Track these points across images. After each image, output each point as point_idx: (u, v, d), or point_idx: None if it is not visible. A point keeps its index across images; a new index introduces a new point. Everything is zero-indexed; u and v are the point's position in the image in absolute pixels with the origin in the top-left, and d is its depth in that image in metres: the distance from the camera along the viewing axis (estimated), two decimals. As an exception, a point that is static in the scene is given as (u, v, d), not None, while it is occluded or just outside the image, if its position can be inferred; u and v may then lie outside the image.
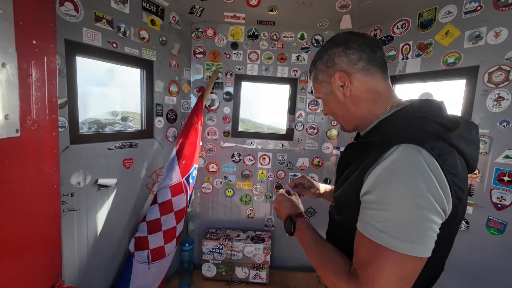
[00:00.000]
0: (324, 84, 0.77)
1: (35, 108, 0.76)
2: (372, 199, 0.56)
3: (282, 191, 1.01)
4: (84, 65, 1.49)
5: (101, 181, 1.56)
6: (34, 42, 0.75)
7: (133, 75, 1.84)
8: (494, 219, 1.35)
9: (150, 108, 1.90)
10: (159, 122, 1.96)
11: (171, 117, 2.06)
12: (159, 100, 1.94)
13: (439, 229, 0.55)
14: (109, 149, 1.61)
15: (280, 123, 2.43)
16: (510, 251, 1.30)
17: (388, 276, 0.52)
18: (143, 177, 1.88)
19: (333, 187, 1.11)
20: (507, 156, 1.31)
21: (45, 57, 0.80)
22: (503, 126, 1.32)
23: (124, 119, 2.45)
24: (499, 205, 1.34)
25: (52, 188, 0.81)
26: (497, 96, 1.34)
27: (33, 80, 0.75)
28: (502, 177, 1.33)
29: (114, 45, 1.57)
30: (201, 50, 2.18)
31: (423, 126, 0.60)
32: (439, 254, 0.56)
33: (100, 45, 1.49)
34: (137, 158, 1.80)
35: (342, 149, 2.25)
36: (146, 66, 1.82)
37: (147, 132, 1.90)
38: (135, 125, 2.29)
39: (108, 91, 2.23)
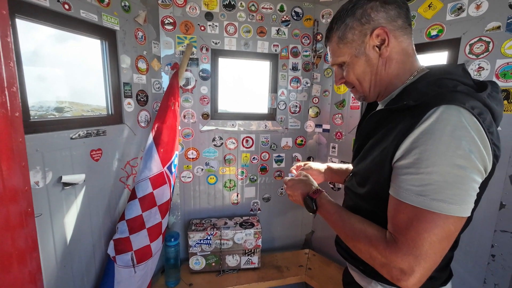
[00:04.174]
0: (355, 44, 0.69)
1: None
2: (408, 163, 0.54)
3: (291, 175, 0.97)
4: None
5: (66, 178, 1.27)
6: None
7: (70, 51, 1.49)
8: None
9: (117, 88, 1.59)
10: (129, 105, 1.67)
11: (142, 99, 1.77)
12: (127, 79, 1.64)
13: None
14: (72, 138, 1.30)
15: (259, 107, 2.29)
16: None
17: (430, 238, 0.52)
18: (116, 169, 1.61)
19: (328, 165, 1.10)
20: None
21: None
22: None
23: (59, 110, 1.96)
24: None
25: (22, 190, 0.58)
26: (477, 66, 1.43)
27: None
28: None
29: (66, 6, 1.24)
30: (171, 20, 1.89)
31: (456, 87, 0.59)
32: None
33: (47, 5, 1.16)
34: (106, 148, 1.52)
35: (324, 126, 2.24)
36: (108, 36, 1.50)
37: (115, 117, 1.61)
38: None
39: (44, 72, 1.74)
